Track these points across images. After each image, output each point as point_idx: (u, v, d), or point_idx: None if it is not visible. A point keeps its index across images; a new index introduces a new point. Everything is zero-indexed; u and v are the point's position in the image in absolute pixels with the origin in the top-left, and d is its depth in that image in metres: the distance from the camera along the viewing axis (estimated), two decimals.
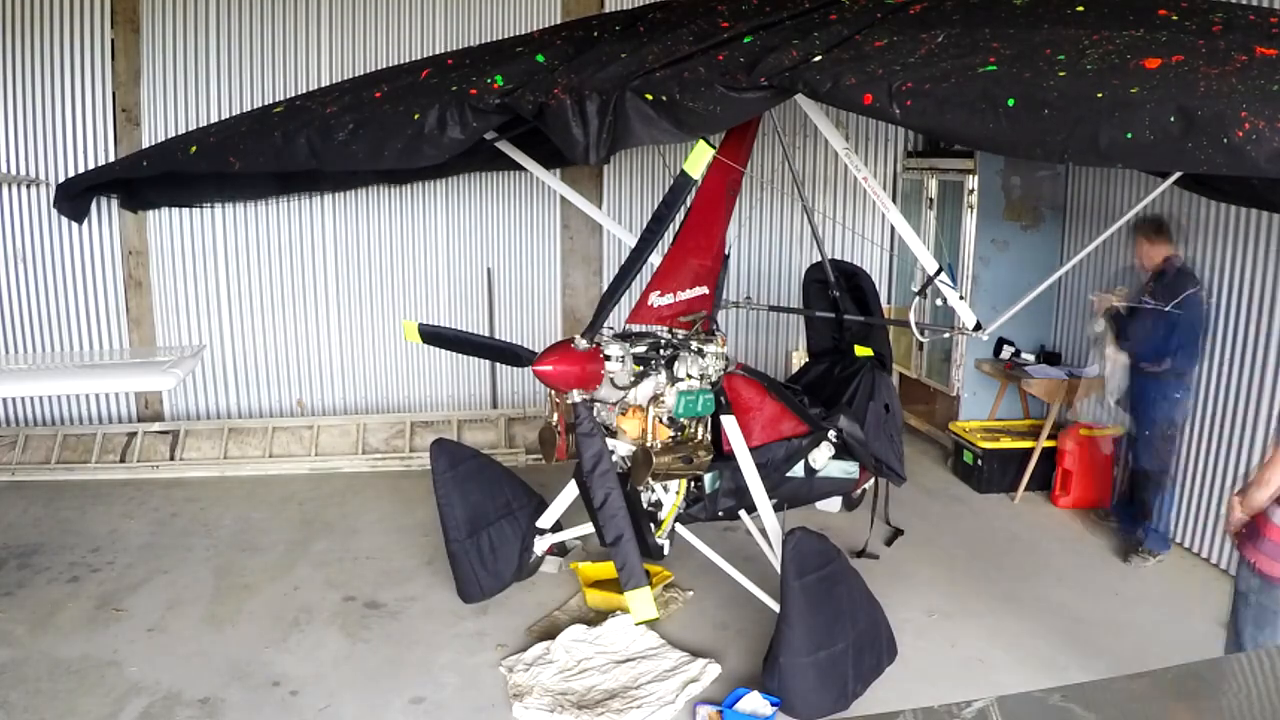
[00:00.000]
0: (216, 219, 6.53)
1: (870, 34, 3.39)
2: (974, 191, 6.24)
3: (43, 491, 5.88)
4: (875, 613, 3.96)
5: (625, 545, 3.49)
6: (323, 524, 5.48)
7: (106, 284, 6.44)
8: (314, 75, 6.36)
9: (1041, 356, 6.26)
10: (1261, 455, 4.40)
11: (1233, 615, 3.36)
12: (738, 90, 3.22)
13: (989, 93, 2.74)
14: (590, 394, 3.78)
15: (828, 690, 3.66)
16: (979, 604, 4.59)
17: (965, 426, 6.27)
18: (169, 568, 4.87)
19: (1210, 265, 4.95)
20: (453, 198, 6.80)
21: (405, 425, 6.62)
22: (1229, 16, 3.15)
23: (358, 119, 3.87)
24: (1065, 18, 3.23)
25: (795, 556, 3.61)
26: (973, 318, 3.88)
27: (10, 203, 6.21)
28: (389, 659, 4.06)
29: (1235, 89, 2.43)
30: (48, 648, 4.07)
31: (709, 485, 4.10)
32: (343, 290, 6.80)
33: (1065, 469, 5.77)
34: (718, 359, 3.98)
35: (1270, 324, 4.60)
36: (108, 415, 6.63)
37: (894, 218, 3.99)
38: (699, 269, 4.14)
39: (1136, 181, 5.50)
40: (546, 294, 7.05)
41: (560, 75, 3.63)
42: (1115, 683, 2.01)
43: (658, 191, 6.21)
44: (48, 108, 6.13)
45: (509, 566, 4.51)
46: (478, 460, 4.56)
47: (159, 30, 6.20)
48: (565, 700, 3.69)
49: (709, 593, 4.54)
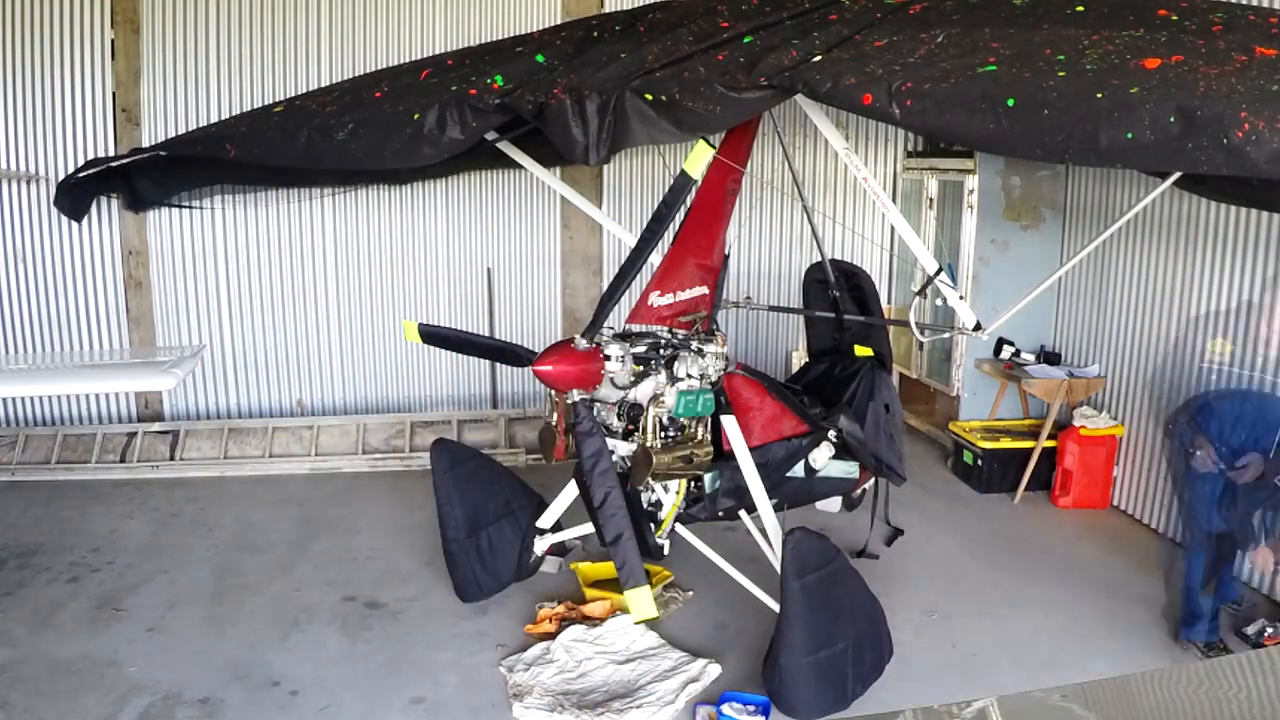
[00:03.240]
0: (216, 219, 6.53)
1: (870, 34, 3.39)
2: (974, 191, 6.24)
3: (43, 491, 5.88)
4: (875, 612, 3.96)
5: (625, 544, 3.49)
6: (323, 524, 5.48)
7: (106, 284, 6.44)
8: (314, 75, 6.36)
9: (1041, 356, 6.25)
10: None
11: None
12: (737, 90, 3.21)
13: (989, 93, 2.74)
14: (590, 394, 3.78)
15: (827, 690, 3.66)
16: (979, 604, 4.59)
17: (965, 426, 6.27)
18: (169, 568, 4.87)
19: (1210, 265, 4.95)
20: (453, 198, 6.80)
21: (405, 425, 6.62)
22: (1229, 16, 3.15)
23: (357, 119, 3.86)
24: (1065, 18, 3.23)
25: (795, 556, 3.60)
26: (973, 318, 3.88)
27: (10, 202, 6.22)
28: (389, 659, 4.06)
29: (1235, 89, 2.43)
30: (48, 648, 4.07)
31: (709, 485, 4.09)
32: (343, 290, 6.80)
33: (1065, 469, 5.77)
34: (718, 359, 3.97)
35: (1270, 324, 4.60)
36: (108, 415, 6.63)
37: (894, 218, 3.99)
38: (699, 269, 4.13)
39: (1136, 181, 5.50)
40: (546, 294, 7.05)
41: (560, 75, 3.63)
42: (1115, 683, 2.01)
43: (658, 191, 6.20)
44: (48, 107, 6.12)
45: (508, 566, 4.51)
46: (477, 460, 4.56)
47: (159, 30, 6.20)
48: (565, 700, 3.69)
49: (709, 593, 4.54)
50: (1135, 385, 5.62)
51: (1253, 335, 4.37)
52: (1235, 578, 4.40)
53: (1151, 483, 5.48)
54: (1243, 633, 4.32)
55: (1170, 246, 5.26)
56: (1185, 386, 4.61)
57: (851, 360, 4.95)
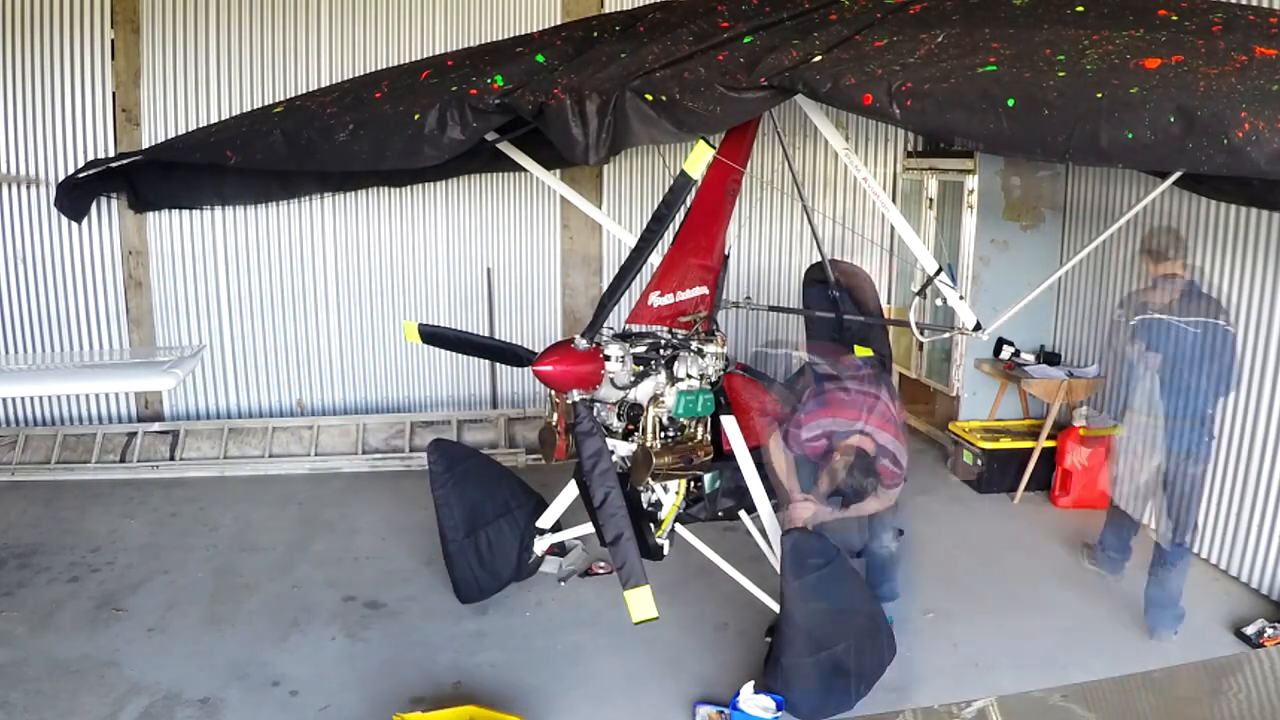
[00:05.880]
0: (216, 220, 6.53)
1: (870, 34, 3.39)
2: (974, 191, 6.25)
3: (43, 491, 5.88)
4: (875, 612, 3.96)
5: (625, 544, 3.49)
6: (323, 524, 5.48)
7: (106, 284, 6.45)
8: (314, 75, 6.36)
9: (1041, 356, 6.26)
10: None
11: None
12: (737, 90, 3.21)
13: (989, 93, 2.74)
14: (590, 394, 3.78)
15: (831, 690, 3.66)
16: (979, 604, 4.59)
17: (965, 426, 6.27)
18: (169, 568, 4.87)
19: (1210, 265, 4.95)
20: (453, 198, 6.79)
21: (405, 425, 6.62)
22: (1229, 17, 3.15)
23: (358, 119, 3.86)
24: (1065, 18, 3.23)
25: (794, 556, 3.61)
26: (973, 318, 3.88)
27: (10, 203, 6.22)
28: (389, 659, 4.06)
29: (1235, 89, 2.43)
30: (48, 648, 4.07)
31: (709, 485, 4.09)
32: (343, 290, 6.80)
33: (1065, 469, 5.77)
34: (718, 359, 3.98)
35: (1270, 324, 4.60)
36: (108, 415, 6.63)
37: (894, 218, 3.99)
38: (699, 269, 4.13)
39: (1136, 181, 5.50)
40: (546, 294, 7.05)
41: (560, 75, 3.62)
42: (1115, 683, 2.02)
43: (658, 191, 6.20)
44: (48, 108, 6.13)
45: (507, 566, 4.51)
46: (476, 460, 4.56)
47: (159, 30, 6.20)
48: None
49: (709, 593, 4.53)
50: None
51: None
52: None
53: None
54: (1243, 633, 4.32)
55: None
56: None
57: None
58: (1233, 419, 4.83)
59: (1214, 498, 4.96)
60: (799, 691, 3.64)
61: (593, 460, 3.58)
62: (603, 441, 3.64)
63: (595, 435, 3.62)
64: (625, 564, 3.47)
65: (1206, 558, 5.01)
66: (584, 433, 3.60)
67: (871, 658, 3.84)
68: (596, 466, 3.57)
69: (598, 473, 3.56)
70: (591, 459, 3.58)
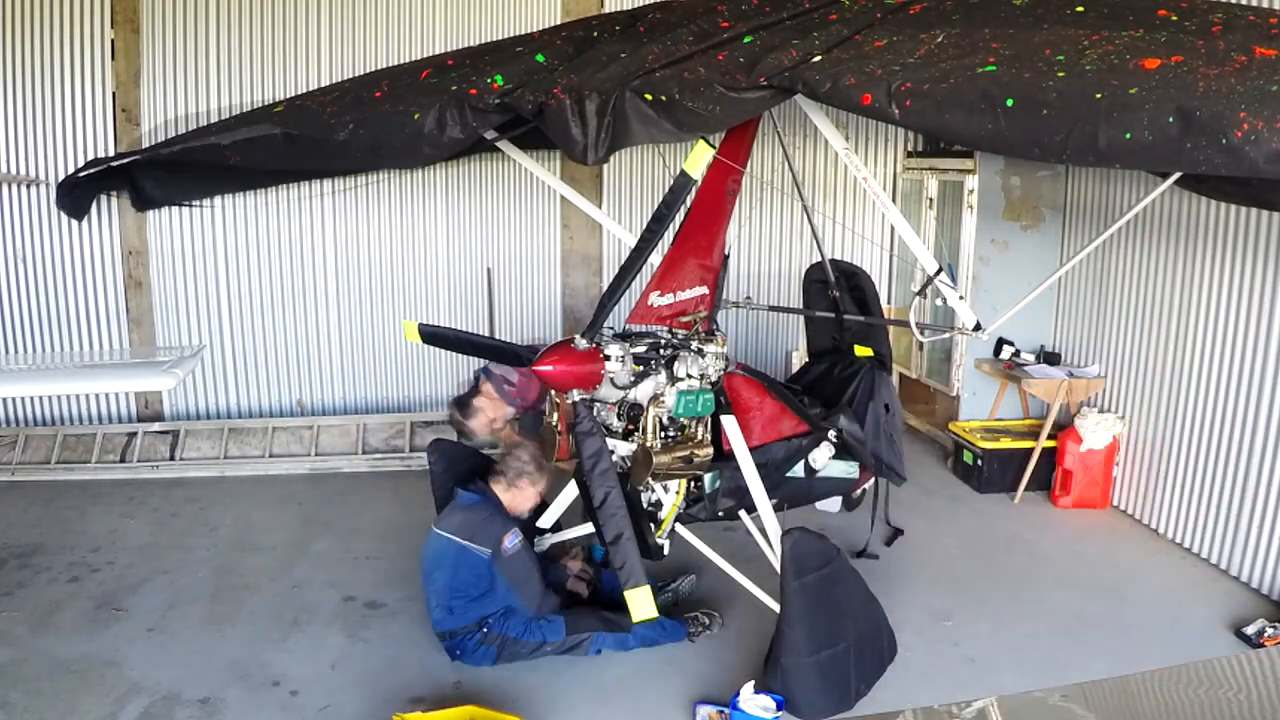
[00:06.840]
0: (216, 219, 6.53)
1: (870, 34, 3.39)
2: (974, 191, 6.24)
3: (43, 491, 5.88)
4: (875, 612, 3.96)
5: (625, 544, 3.49)
6: (323, 524, 5.48)
7: (106, 284, 6.45)
8: (314, 75, 6.36)
9: (1041, 356, 6.26)
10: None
11: None
12: (737, 90, 3.21)
13: (988, 93, 2.74)
14: (590, 394, 3.78)
15: (831, 691, 3.66)
16: (979, 604, 4.59)
17: (965, 426, 6.27)
18: (169, 568, 4.87)
19: (1210, 265, 4.95)
20: (453, 197, 6.80)
21: (405, 425, 6.62)
22: (1228, 17, 3.15)
23: (358, 118, 3.87)
24: (1065, 18, 3.23)
25: (794, 556, 3.61)
26: (973, 318, 3.88)
27: (10, 203, 6.22)
28: (389, 659, 4.06)
29: (1234, 89, 2.43)
30: (48, 648, 4.07)
31: (709, 485, 4.09)
32: (343, 290, 6.80)
33: (1065, 469, 5.77)
34: (718, 359, 3.97)
35: (1270, 324, 4.60)
36: (108, 415, 6.64)
37: (894, 218, 3.99)
38: (699, 269, 4.13)
39: (1136, 181, 5.50)
40: (546, 294, 7.05)
41: (560, 75, 3.63)
42: (1115, 683, 2.02)
43: (658, 191, 6.20)
44: (48, 108, 6.13)
45: None
46: (475, 460, 4.55)
47: (159, 30, 6.20)
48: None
49: (709, 593, 4.53)
50: (1135, 385, 5.62)
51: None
52: None
53: (1152, 483, 5.48)
54: (1243, 633, 4.32)
55: (1170, 246, 5.26)
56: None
57: (851, 360, 4.95)
58: (1233, 419, 4.84)
59: (1214, 498, 4.97)
60: (799, 691, 3.64)
61: (593, 460, 3.58)
62: (603, 441, 3.65)
63: (595, 435, 3.62)
64: (625, 564, 3.47)
65: (1206, 558, 5.02)
66: (584, 433, 3.60)
67: (871, 658, 3.84)
68: (596, 467, 3.57)
69: (598, 473, 3.56)
70: (592, 459, 3.58)
